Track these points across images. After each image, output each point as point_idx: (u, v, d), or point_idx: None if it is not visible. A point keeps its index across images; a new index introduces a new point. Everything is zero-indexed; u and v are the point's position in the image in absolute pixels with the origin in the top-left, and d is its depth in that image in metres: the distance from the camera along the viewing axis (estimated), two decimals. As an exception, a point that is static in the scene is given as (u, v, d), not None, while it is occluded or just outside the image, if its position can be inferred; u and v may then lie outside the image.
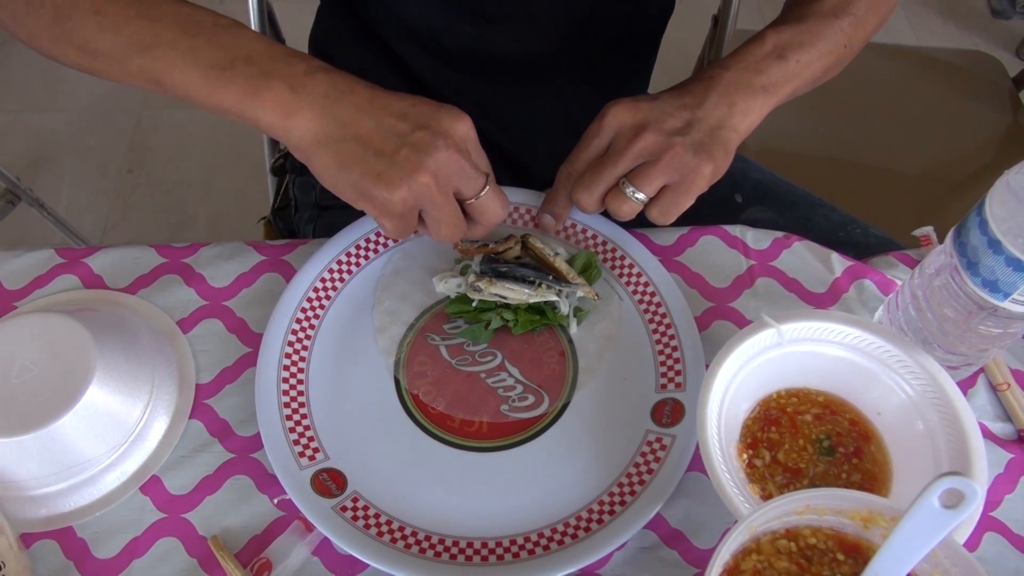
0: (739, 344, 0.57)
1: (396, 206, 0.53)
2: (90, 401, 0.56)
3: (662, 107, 0.59)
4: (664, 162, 0.57)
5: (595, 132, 0.61)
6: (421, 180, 0.52)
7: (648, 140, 0.57)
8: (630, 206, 0.59)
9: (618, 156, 0.59)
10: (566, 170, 0.63)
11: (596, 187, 0.60)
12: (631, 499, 0.57)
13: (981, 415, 0.62)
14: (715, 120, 0.59)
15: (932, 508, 0.38)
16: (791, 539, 0.44)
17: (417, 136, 0.52)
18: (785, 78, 0.62)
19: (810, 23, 0.64)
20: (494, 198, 0.57)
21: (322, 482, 0.57)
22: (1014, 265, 0.50)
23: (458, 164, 0.53)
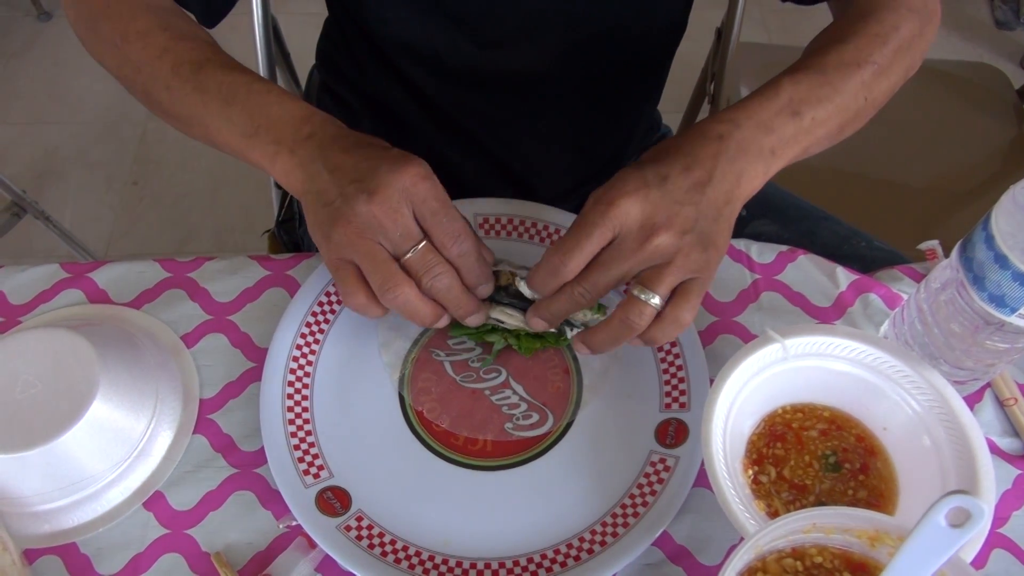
0: (744, 359, 0.56)
1: (325, 256, 0.55)
2: (94, 416, 0.56)
3: (673, 194, 0.53)
4: (677, 264, 0.53)
5: (599, 221, 0.52)
6: (339, 229, 0.52)
7: (661, 243, 0.52)
8: (648, 312, 0.54)
9: (626, 257, 0.53)
10: (560, 258, 0.54)
11: (598, 287, 0.54)
12: (634, 521, 0.57)
13: (988, 430, 0.61)
14: (722, 196, 0.54)
15: (938, 527, 0.37)
16: (797, 558, 0.44)
17: (349, 189, 0.52)
18: (795, 137, 0.58)
19: (829, 74, 0.59)
20: (429, 255, 0.53)
21: (327, 500, 0.57)
22: (1021, 280, 0.49)
23: (377, 221, 0.52)
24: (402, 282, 0.53)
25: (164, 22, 0.62)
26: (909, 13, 0.64)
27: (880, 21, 0.62)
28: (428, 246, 0.53)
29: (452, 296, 0.55)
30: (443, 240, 0.54)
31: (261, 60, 1.04)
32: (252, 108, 0.57)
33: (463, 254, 0.55)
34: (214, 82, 0.58)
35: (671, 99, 1.39)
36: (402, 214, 0.52)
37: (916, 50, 0.65)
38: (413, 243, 0.53)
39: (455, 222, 0.54)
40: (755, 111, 0.57)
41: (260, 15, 1.01)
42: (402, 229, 0.52)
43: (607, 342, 0.56)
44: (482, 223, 0.71)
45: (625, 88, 0.85)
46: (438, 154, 0.87)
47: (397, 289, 0.53)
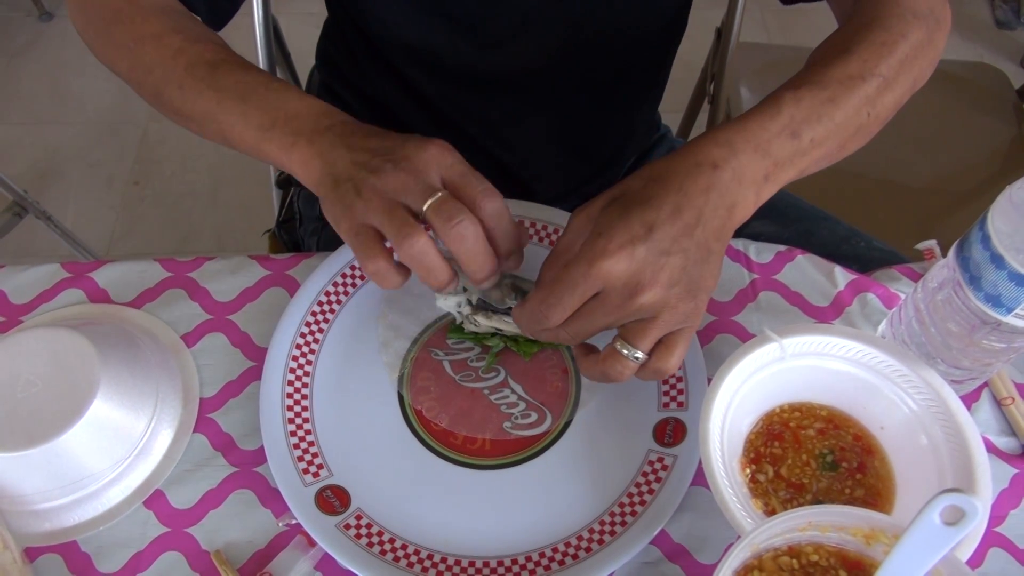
0: (741, 359, 0.57)
1: (345, 228, 0.53)
2: (94, 415, 0.56)
3: (660, 244, 0.50)
4: (663, 319, 0.51)
5: (579, 281, 0.51)
6: (365, 196, 0.51)
7: (646, 300, 0.50)
8: (630, 367, 0.53)
9: (610, 311, 0.51)
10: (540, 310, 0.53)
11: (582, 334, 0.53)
12: (632, 520, 0.57)
13: (985, 429, 0.62)
14: (713, 234, 0.52)
15: (933, 525, 0.37)
16: (793, 556, 0.44)
17: (375, 161, 0.52)
18: (791, 160, 0.55)
19: (832, 89, 0.57)
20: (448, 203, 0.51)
21: (326, 499, 0.58)
22: (1017, 280, 0.50)
23: (402, 181, 0.51)
24: (419, 232, 0.51)
25: (177, 25, 0.62)
26: (916, 19, 0.61)
27: (887, 29, 0.60)
28: (447, 196, 0.51)
29: (473, 249, 0.52)
30: (474, 196, 0.52)
31: (262, 60, 1.05)
32: (269, 104, 0.57)
33: (497, 212, 0.53)
34: (230, 80, 0.58)
35: (671, 99, 1.40)
36: (427, 174, 0.51)
37: (925, 59, 0.62)
38: (433, 193, 0.51)
39: (483, 182, 0.53)
40: (754, 133, 0.54)
41: (260, 15, 1.02)
42: (423, 185, 0.51)
43: (593, 376, 0.56)
44: (481, 223, 0.71)
45: (624, 89, 0.85)
46: (437, 154, 0.87)
47: (413, 238, 0.50)
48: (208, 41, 0.62)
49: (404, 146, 0.53)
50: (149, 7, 0.63)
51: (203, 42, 0.61)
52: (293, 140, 0.56)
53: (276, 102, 0.57)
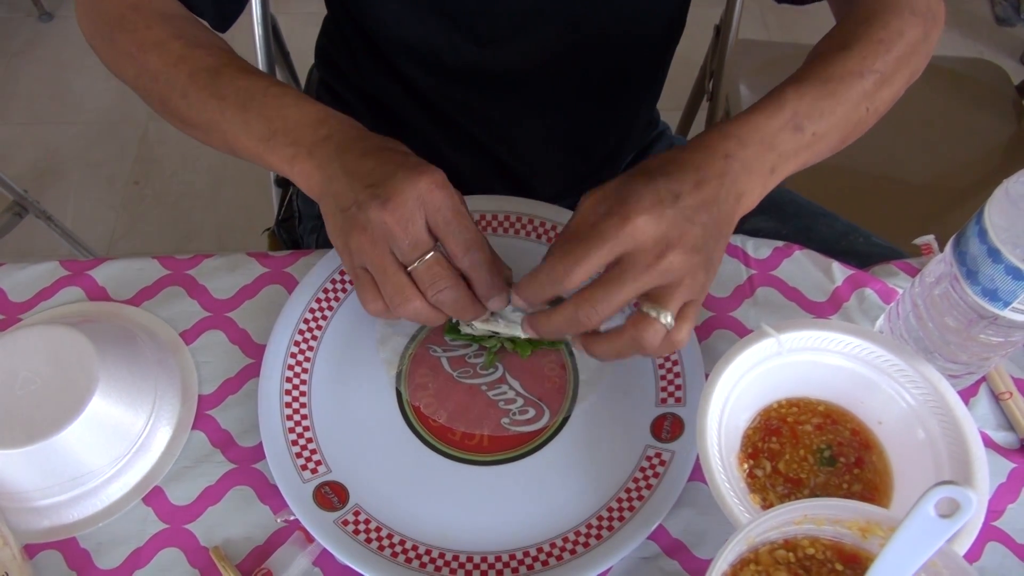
0: (739, 354, 0.57)
1: (345, 262, 0.55)
2: (93, 412, 0.56)
3: (685, 212, 0.51)
4: (686, 284, 0.51)
5: (612, 234, 0.50)
6: (356, 237, 0.53)
7: (674, 261, 0.50)
8: (661, 332, 0.52)
9: (639, 274, 0.50)
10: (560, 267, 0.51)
11: (609, 305, 0.51)
12: (630, 515, 0.57)
13: (983, 424, 0.62)
14: (725, 217, 0.54)
15: (928, 517, 0.38)
16: (789, 549, 0.44)
17: (363, 195, 0.52)
18: (795, 153, 0.57)
19: (833, 85, 0.58)
20: (435, 267, 0.52)
21: (324, 495, 0.58)
22: (1013, 274, 0.50)
23: (388, 227, 0.51)
24: (411, 296, 0.53)
25: (179, 30, 0.62)
26: (912, 17, 0.62)
27: (885, 26, 0.61)
28: (435, 257, 0.53)
29: (455, 307, 0.55)
30: (455, 250, 0.53)
31: (261, 59, 1.05)
32: (269, 112, 0.57)
33: (474, 265, 0.54)
34: (231, 88, 0.58)
35: (670, 97, 1.40)
36: (414, 223, 0.52)
37: (920, 55, 0.63)
38: (420, 253, 0.52)
39: (467, 232, 0.53)
40: (760, 126, 0.55)
41: (259, 14, 1.02)
42: (412, 238, 0.52)
43: (611, 353, 0.54)
44: (479, 220, 0.71)
45: (623, 86, 0.85)
46: (436, 152, 0.87)
47: (407, 304, 0.53)
48: (210, 46, 0.62)
49: (393, 178, 0.52)
50: (151, 13, 0.63)
51: (205, 47, 0.61)
52: (293, 152, 0.56)
53: (275, 110, 0.57)
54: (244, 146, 0.58)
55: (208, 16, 0.69)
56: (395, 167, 0.53)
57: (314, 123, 0.56)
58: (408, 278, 0.53)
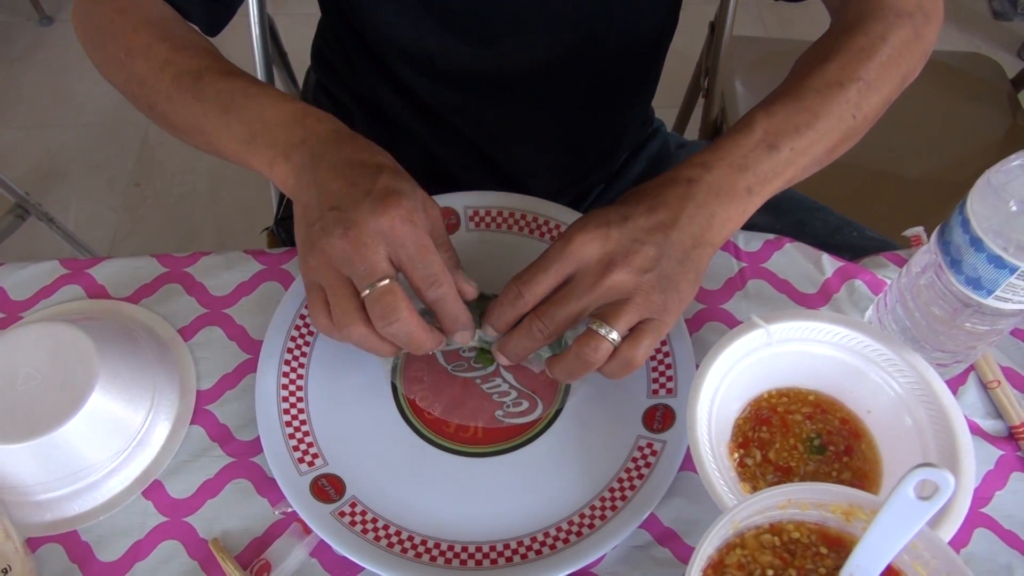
0: (729, 345, 0.57)
1: (302, 272, 0.55)
2: (93, 408, 0.57)
3: (633, 233, 0.53)
4: (636, 302, 0.53)
5: (557, 256, 0.54)
6: (315, 255, 0.53)
7: (617, 279, 0.52)
8: (604, 347, 0.53)
9: (584, 292, 0.53)
10: (517, 289, 0.55)
11: (556, 321, 0.54)
12: (622, 504, 0.58)
13: (972, 413, 0.62)
14: (690, 239, 0.54)
15: (908, 500, 0.38)
16: (775, 534, 0.45)
17: (328, 216, 0.52)
18: (775, 171, 0.57)
19: (809, 99, 0.58)
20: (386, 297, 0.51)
21: (321, 487, 0.58)
22: (995, 263, 0.50)
23: (347, 255, 0.51)
24: (355, 321, 0.53)
25: (164, 33, 0.62)
26: (898, 19, 0.62)
27: (866, 32, 0.61)
28: (389, 287, 0.52)
29: (408, 342, 0.54)
30: (418, 284, 0.54)
31: (258, 59, 1.06)
32: (248, 114, 0.57)
33: (438, 299, 0.54)
34: (213, 90, 0.58)
35: (666, 94, 1.40)
36: (372, 251, 0.51)
37: (912, 55, 0.63)
38: (374, 280, 0.52)
39: (431, 267, 0.53)
40: (727, 151, 0.56)
41: (256, 15, 1.03)
42: (368, 266, 0.51)
43: (565, 373, 0.56)
44: (472, 215, 0.72)
45: (616, 86, 0.86)
46: (431, 153, 0.88)
47: (351, 327, 0.53)
48: (194, 47, 0.62)
49: (358, 207, 0.51)
50: (139, 18, 0.63)
51: (189, 48, 0.61)
52: (272, 155, 0.56)
53: (254, 112, 0.57)
54: (228, 149, 0.59)
55: (199, 21, 0.69)
56: (363, 194, 0.52)
57: (290, 123, 0.56)
58: (358, 304, 0.53)
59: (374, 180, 0.53)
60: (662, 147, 1.00)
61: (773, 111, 0.57)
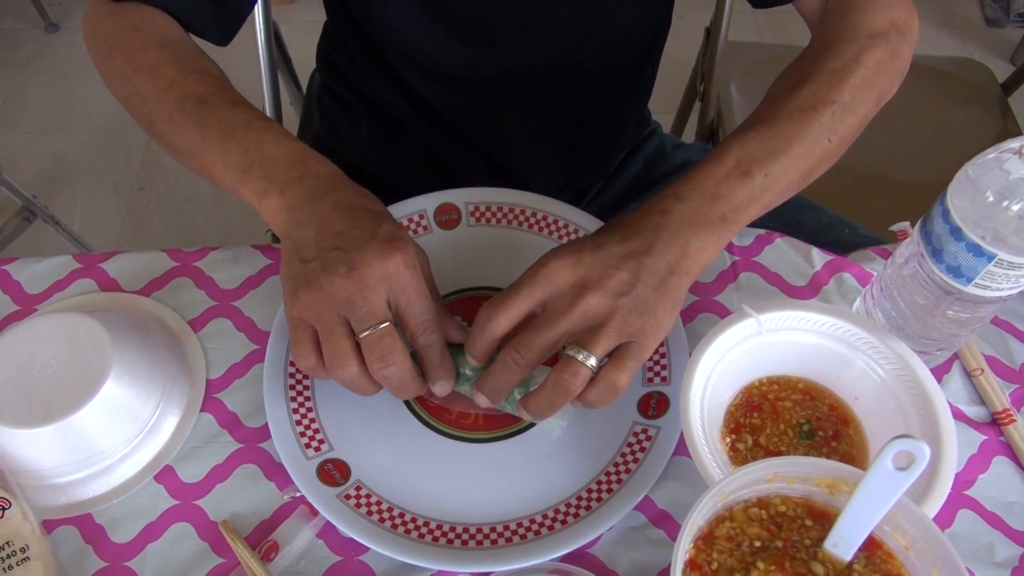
0: (720, 333, 0.59)
1: (288, 309, 0.55)
2: (107, 395, 0.59)
3: (606, 259, 0.53)
4: (612, 326, 0.52)
5: (529, 281, 0.53)
6: (310, 293, 0.52)
7: (591, 302, 0.52)
8: (583, 372, 0.52)
9: (558, 318, 0.52)
10: (487, 314, 0.54)
11: (532, 350, 0.53)
12: (618, 487, 0.60)
13: (956, 399, 0.64)
14: (665, 267, 0.54)
15: (887, 470, 0.40)
16: (762, 507, 0.47)
17: (331, 255, 0.52)
18: (750, 198, 0.57)
19: (782, 124, 0.58)
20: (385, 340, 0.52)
21: (327, 472, 0.60)
22: (974, 251, 0.53)
23: (348, 295, 0.51)
24: (351, 363, 0.53)
25: (174, 55, 0.63)
26: (871, 39, 0.62)
27: (839, 54, 0.61)
28: (388, 329, 0.52)
29: (399, 385, 0.55)
30: (413, 329, 0.54)
31: (263, 65, 1.08)
32: (248, 144, 0.57)
33: (428, 346, 0.55)
34: (216, 117, 0.59)
35: (664, 99, 1.42)
36: (376, 294, 0.52)
37: (888, 75, 0.63)
38: (374, 323, 0.52)
39: (427, 313, 0.54)
40: (700, 181, 0.56)
41: (262, 21, 1.05)
42: (369, 308, 0.52)
43: (544, 406, 0.55)
44: (473, 211, 0.74)
45: (612, 87, 0.88)
46: (433, 152, 0.90)
47: (345, 368, 0.53)
48: (203, 73, 0.62)
49: (364, 249, 0.52)
50: (151, 36, 0.64)
51: (198, 74, 0.62)
52: (265, 187, 0.56)
53: (254, 143, 0.57)
54: (220, 176, 0.59)
55: (209, 33, 0.70)
56: (368, 237, 0.53)
57: (291, 161, 0.57)
58: (353, 344, 0.53)
59: (378, 225, 0.54)
60: (658, 147, 1.02)
61: (746, 138, 0.58)
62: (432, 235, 0.73)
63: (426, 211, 0.74)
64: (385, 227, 0.54)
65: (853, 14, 0.64)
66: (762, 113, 0.60)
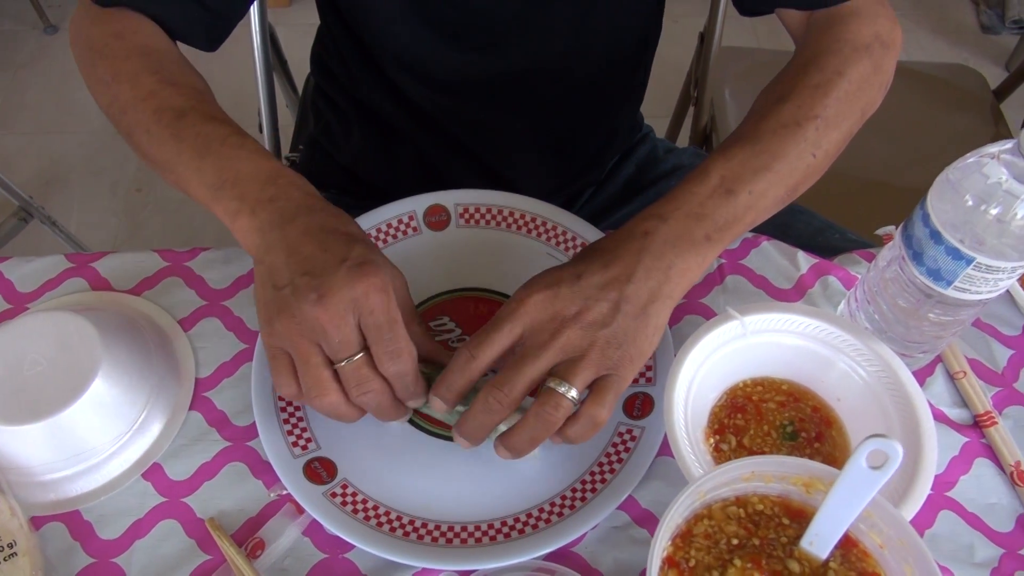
0: (705, 335, 0.60)
1: (264, 338, 0.54)
2: (96, 393, 0.60)
3: (585, 290, 0.52)
4: (592, 358, 0.51)
5: (507, 317, 0.53)
6: (284, 321, 0.52)
7: (569, 336, 0.51)
8: (565, 405, 0.51)
9: (537, 353, 0.52)
10: (467, 353, 0.53)
11: (514, 388, 0.52)
12: (602, 486, 0.60)
13: (939, 402, 0.65)
14: (647, 293, 0.53)
15: (861, 469, 0.41)
16: (740, 506, 0.47)
17: (300, 281, 0.51)
18: (735, 216, 0.56)
19: (765, 141, 0.58)
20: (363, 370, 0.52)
21: (314, 470, 0.61)
22: (953, 254, 0.53)
23: (320, 324, 0.50)
24: (330, 391, 0.53)
25: (156, 65, 0.62)
26: (855, 52, 0.62)
27: (821, 68, 0.61)
28: (363, 359, 0.52)
29: (377, 409, 0.55)
30: (381, 357, 0.52)
31: (259, 67, 1.09)
32: (222, 162, 0.57)
33: (398, 374, 0.53)
34: (192, 132, 0.58)
35: (659, 103, 1.43)
36: (347, 322, 0.51)
37: (872, 88, 0.63)
38: (350, 353, 0.52)
39: (396, 341, 0.52)
40: (683, 201, 0.56)
41: (258, 23, 1.06)
42: (342, 337, 0.51)
43: (525, 441, 0.53)
44: (462, 212, 0.75)
45: (604, 91, 0.88)
46: (424, 155, 0.91)
47: (324, 397, 0.53)
48: (183, 85, 0.62)
49: (334, 275, 0.51)
50: (134, 46, 0.64)
51: (177, 86, 0.61)
52: (237, 207, 0.55)
53: (228, 161, 0.57)
54: (195, 192, 0.58)
55: (196, 39, 0.69)
56: (338, 261, 0.52)
57: (263, 180, 0.56)
58: (331, 373, 0.52)
59: (349, 248, 0.53)
60: (651, 152, 1.03)
61: (730, 155, 0.57)
62: (421, 236, 0.74)
63: (416, 212, 0.74)
64: (357, 250, 0.53)
65: (837, 27, 0.64)
66: (745, 129, 0.60)
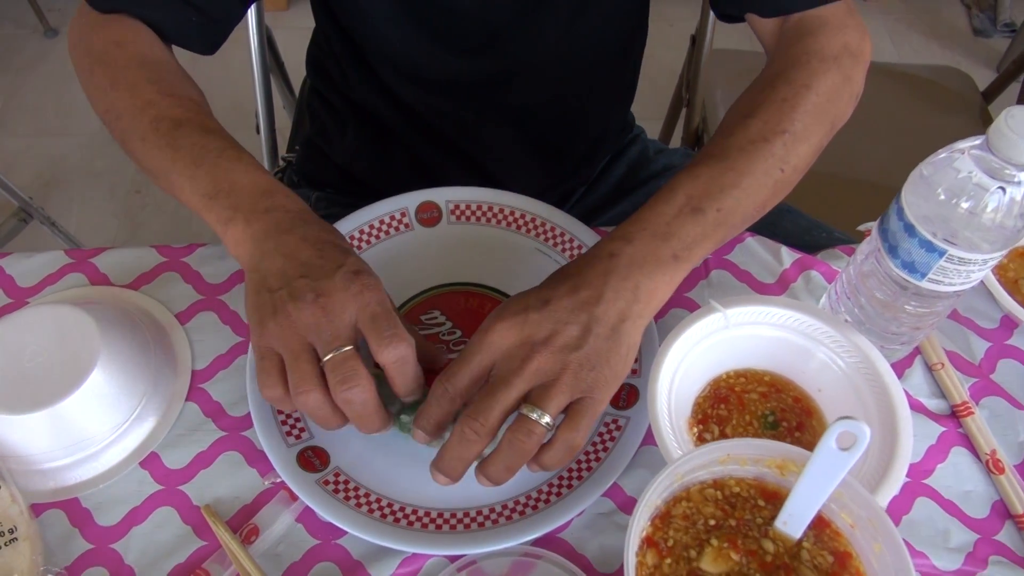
0: (688, 327, 0.61)
1: (254, 339, 0.54)
2: (94, 384, 0.61)
3: (554, 314, 0.52)
4: (565, 382, 0.51)
5: (477, 348, 0.53)
6: (277, 321, 0.52)
7: (540, 361, 0.51)
8: (538, 431, 0.51)
9: (508, 380, 0.51)
10: (442, 386, 0.53)
11: (489, 417, 0.51)
12: (588, 474, 0.62)
13: (917, 393, 0.66)
14: (616, 314, 0.53)
15: (831, 450, 0.42)
16: (718, 488, 0.49)
17: (298, 283, 0.52)
18: (703, 234, 0.56)
19: (732, 157, 0.57)
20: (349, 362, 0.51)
21: (307, 458, 0.62)
22: (926, 247, 0.55)
23: (315, 320, 0.51)
24: (314, 387, 0.52)
25: (155, 75, 0.63)
26: (823, 64, 0.62)
27: (789, 82, 0.61)
28: (352, 352, 0.52)
29: (359, 412, 0.53)
30: (380, 344, 0.52)
31: (256, 68, 1.11)
32: (218, 172, 0.57)
33: (400, 359, 0.53)
34: (188, 141, 0.59)
35: (651, 106, 1.45)
36: (341, 318, 0.52)
37: (841, 100, 0.63)
38: (338, 345, 0.51)
39: (396, 327, 0.53)
40: (649, 221, 0.56)
41: (255, 26, 1.08)
42: (335, 330, 0.51)
43: (501, 470, 0.53)
44: (453, 209, 0.76)
45: (593, 93, 0.90)
46: (418, 155, 0.92)
47: (308, 393, 0.52)
48: (181, 97, 0.63)
49: (332, 276, 0.52)
50: (134, 55, 0.65)
51: (175, 97, 0.62)
52: (230, 216, 0.56)
53: (224, 172, 0.57)
54: (187, 199, 0.59)
55: (193, 44, 0.71)
56: (335, 267, 0.53)
57: (260, 193, 0.57)
58: (318, 370, 0.52)
59: (344, 257, 0.54)
60: (641, 152, 1.04)
61: (697, 173, 0.57)
62: (413, 232, 0.76)
63: (407, 209, 0.76)
64: (351, 260, 0.54)
65: (805, 40, 0.64)
66: (713, 147, 0.60)
